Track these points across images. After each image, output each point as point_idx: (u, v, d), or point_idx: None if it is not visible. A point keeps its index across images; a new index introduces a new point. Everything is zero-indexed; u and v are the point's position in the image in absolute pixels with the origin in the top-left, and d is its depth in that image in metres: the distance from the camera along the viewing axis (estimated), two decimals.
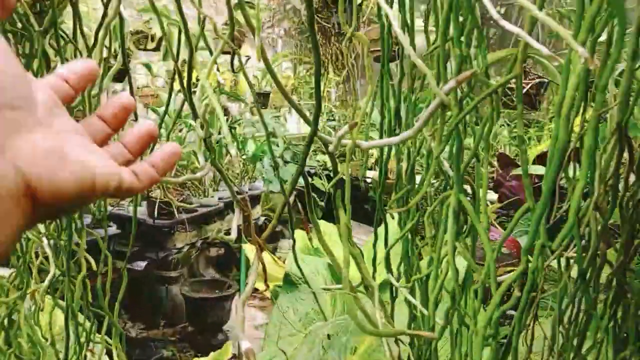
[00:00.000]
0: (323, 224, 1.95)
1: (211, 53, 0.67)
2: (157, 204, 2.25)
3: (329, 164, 3.80)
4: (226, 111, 3.42)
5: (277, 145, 3.40)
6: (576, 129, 0.58)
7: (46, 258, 0.79)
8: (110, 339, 0.85)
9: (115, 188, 0.29)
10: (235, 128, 3.23)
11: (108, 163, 0.30)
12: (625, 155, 0.44)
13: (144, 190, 0.33)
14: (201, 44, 0.66)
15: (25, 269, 0.81)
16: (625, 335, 0.46)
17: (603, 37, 0.50)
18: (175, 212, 2.30)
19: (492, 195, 1.76)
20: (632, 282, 0.46)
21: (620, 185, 0.45)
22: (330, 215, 0.90)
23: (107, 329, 0.83)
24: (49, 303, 0.86)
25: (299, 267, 0.72)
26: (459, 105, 0.50)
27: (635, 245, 0.45)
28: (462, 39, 0.48)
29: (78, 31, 0.73)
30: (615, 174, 0.42)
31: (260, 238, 0.64)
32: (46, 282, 0.76)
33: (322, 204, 3.15)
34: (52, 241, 0.79)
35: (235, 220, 0.60)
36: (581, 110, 0.49)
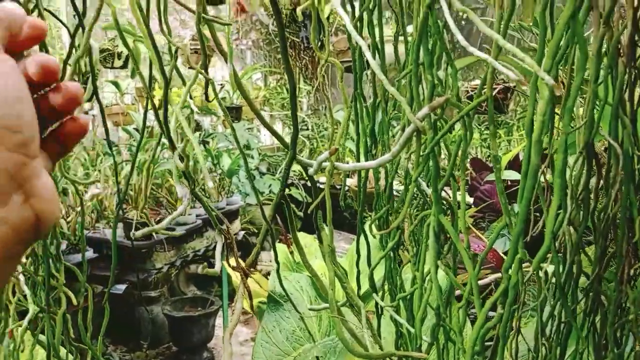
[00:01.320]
0: (303, 236, 1.94)
1: (183, 80, 0.67)
2: (134, 225, 2.22)
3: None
4: (198, 125, 3.39)
5: (252, 157, 3.38)
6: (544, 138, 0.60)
7: (25, 296, 0.77)
8: None
9: None
10: (208, 142, 3.21)
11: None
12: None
13: None
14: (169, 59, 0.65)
15: (1, 307, 0.79)
16: (604, 342, 0.48)
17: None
18: (153, 233, 2.27)
19: (467, 199, 1.79)
20: (607, 291, 0.48)
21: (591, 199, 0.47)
22: (309, 225, 0.90)
23: None
24: (28, 339, 0.84)
25: (283, 288, 0.72)
26: (433, 128, 0.51)
27: (609, 256, 0.47)
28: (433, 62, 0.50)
29: None
30: (586, 189, 0.44)
31: (245, 264, 0.64)
32: (25, 321, 0.74)
33: (301, 214, 3.15)
34: (29, 278, 0.77)
35: (218, 251, 0.60)
36: (549, 128, 0.50)
